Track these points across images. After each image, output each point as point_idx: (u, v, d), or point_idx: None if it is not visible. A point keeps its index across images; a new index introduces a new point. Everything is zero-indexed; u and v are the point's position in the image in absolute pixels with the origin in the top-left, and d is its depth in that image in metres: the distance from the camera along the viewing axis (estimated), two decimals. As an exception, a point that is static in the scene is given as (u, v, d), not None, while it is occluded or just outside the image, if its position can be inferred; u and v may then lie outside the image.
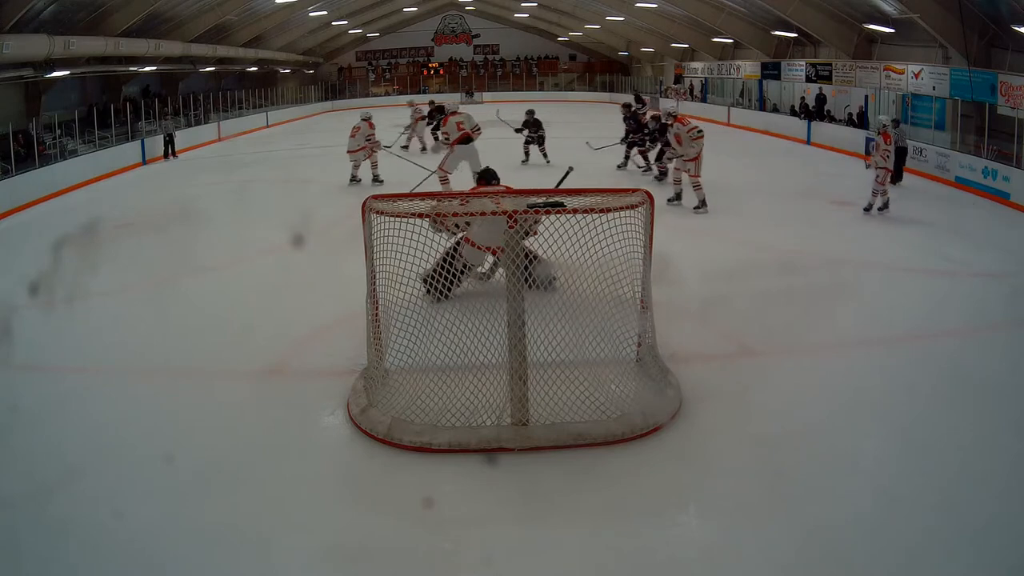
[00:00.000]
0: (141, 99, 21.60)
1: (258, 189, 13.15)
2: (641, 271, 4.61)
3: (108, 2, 15.86)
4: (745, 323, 5.79)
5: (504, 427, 4.06)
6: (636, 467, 3.84)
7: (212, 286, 7.25)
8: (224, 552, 3.29)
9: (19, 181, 12.23)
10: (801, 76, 19.95)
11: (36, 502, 3.61)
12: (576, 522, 3.45)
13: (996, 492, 3.61)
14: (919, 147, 13.75)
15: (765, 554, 3.21)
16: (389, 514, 3.55)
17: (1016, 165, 11.18)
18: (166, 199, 12.44)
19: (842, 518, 3.41)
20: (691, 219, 9.45)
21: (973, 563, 3.14)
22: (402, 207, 4.39)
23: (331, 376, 4.87)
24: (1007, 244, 8.63)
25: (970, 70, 13.04)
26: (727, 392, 4.65)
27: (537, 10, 32.44)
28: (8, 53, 12.87)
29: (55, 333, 5.93)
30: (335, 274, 6.53)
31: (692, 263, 6.84)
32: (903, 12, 14.25)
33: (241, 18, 23.06)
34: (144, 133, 17.97)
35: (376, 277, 4.44)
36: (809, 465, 3.87)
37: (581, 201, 4.42)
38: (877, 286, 6.85)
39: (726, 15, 21.55)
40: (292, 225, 8.81)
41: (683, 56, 28.49)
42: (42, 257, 8.28)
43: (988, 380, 4.86)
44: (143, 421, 4.47)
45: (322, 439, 4.35)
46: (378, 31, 36.61)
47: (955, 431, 4.21)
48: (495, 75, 38.48)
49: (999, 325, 5.91)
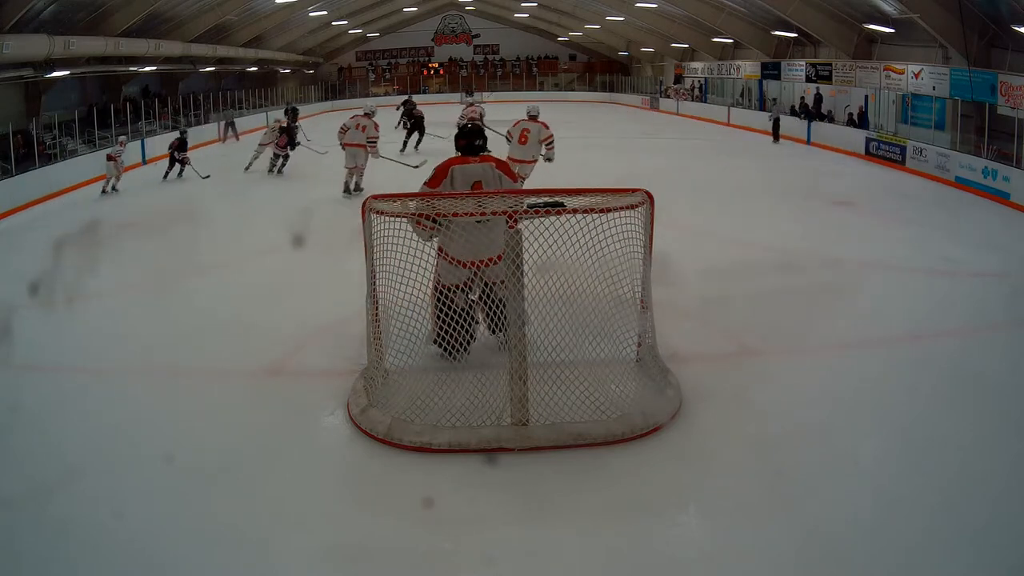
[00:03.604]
0: (141, 99, 21.61)
1: (258, 189, 13.15)
2: (641, 271, 4.61)
3: (108, 2, 15.87)
4: (745, 323, 5.79)
5: (504, 427, 4.06)
6: (636, 467, 3.84)
7: (212, 286, 7.24)
8: (224, 552, 3.28)
9: (19, 181, 12.23)
10: (801, 76, 19.95)
11: (36, 502, 3.61)
12: (576, 522, 3.45)
13: (996, 492, 3.61)
14: (919, 147, 13.77)
15: (765, 554, 3.20)
16: (389, 514, 3.55)
17: (1016, 165, 11.19)
18: (166, 199, 12.45)
19: (842, 518, 3.41)
20: (691, 219, 9.45)
21: (973, 563, 3.14)
22: (402, 207, 4.39)
23: (331, 376, 4.87)
24: (1007, 244, 8.63)
25: (970, 70, 13.04)
26: (727, 392, 4.64)
27: (537, 10, 32.45)
28: (8, 53, 12.87)
29: (55, 333, 5.93)
30: (335, 274, 6.52)
31: (692, 263, 6.83)
32: (903, 12, 14.26)
33: (241, 18, 23.07)
34: (144, 133, 17.98)
35: (376, 277, 4.43)
36: (809, 465, 3.87)
37: (581, 201, 4.42)
38: (877, 286, 6.85)
39: (726, 15, 21.56)
40: (292, 225, 8.82)
41: (683, 56, 28.50)
42: (42, 257, 8.29)
43: (988, 380, 4.86)
44: (143, 421, 4.46)
45: (322, 439, 4.35)
46: (378, 31, 36.63)
47: (955, 431, 4.21)
48: (495, 75, 38.49)
49: (999, 325, 5.91)
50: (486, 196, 4.69)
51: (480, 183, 5.00)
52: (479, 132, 5.31)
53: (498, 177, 5.06)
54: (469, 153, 5.18)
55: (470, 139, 5.20)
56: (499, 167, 5.13)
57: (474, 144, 5.19)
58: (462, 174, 5.02)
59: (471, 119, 11.94)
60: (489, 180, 5.03)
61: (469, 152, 5.18)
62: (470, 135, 5.22)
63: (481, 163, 5.11)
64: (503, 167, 5.17)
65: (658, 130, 20.77)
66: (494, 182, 5.03)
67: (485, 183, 5.00)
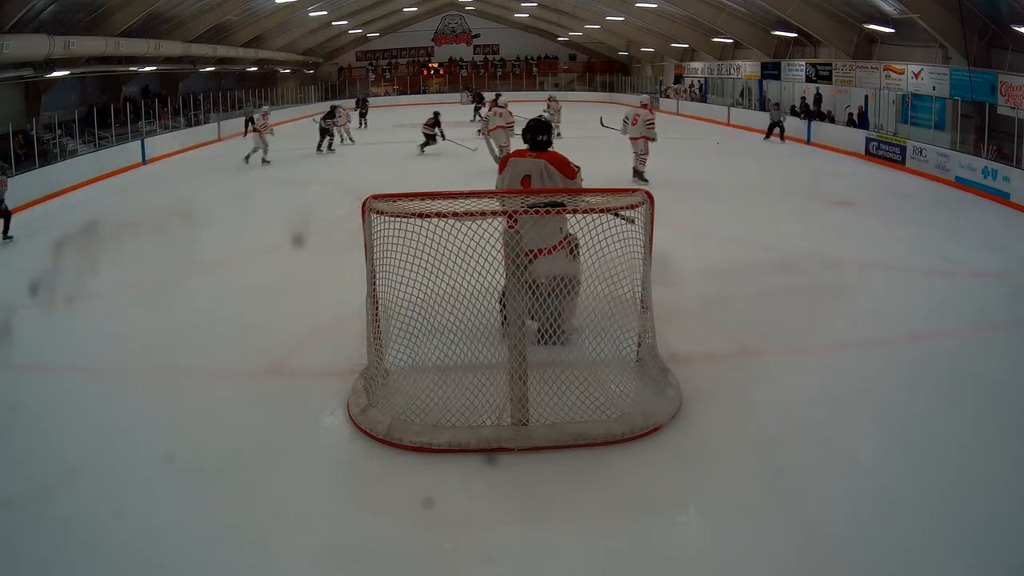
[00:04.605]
0: (141, 99, 21.61)
1: (258, 189, 13.15)
2: (641, 271, 4.61)
3: (108, 2, 15.87)
4: (745, 323, 5.79)
5: (504, 427, 4.06)
6: (636, 467, 3.84)
7: (212, 286, 7.25)
8: (224, 552, 3.28)
9: (19, 181, 12.22)
10: (801, 76, 19.95)
11: (36, 502, 3.61)
12: (576, 522, 3.45)
13: (996, 492, 3.61)
14: (919, 147, 13.76)
15: (765, 554, 3.20)
16: (389, 514, 3.55)
17: (1016, 165, 11.19)
18: (166, 199, 12.45)
19: (842, 518, 3.41)
20: (691, 219, 9.45)
21: (973, 563, 3.14)
22: (402, 207, 4.39)
23: (331, 376, 4.87)
24: (1007, 244, 8.63)
25: (970, 70, 13.04)
26: (727, 392, 4.64)
27: (537, 10, 32.45)
28: (8, 53, 12.88)
29: (55, 333, 5.94)
30: (335, 274, 6.53)
31: (692, 263, 6.83)
32: (903, 12, 14.25)
33: (241, 18, 23.07)
34: (144, 133, 17.99)
35: (376, 277, 4.43)
36: (809, 465, 3.87)
37: (581, 201, 4.42)
38: (877, 286, 6.84)
39: (726, 15, 21.56)
40: (292, 225, 8.82)
41: (683, 56, 28.50)
42: (42, 257, 8.29)
43: (988, 380, 4.86)
44: (143, 421, 4.47)
45: (322, 439, 4.35)
46: (378, 31, 36.63)
47: (955, 431, 4.21)
48: (495, 75, 38.49)
49: (999, 325, 5.91)
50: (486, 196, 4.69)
51: (528, 177, 5.16)
52: (542, 128, 5.37)
53: (549, 173, 5.14)
54: (532, 148, 5.31)
55: (533, 134, 5.32)
56: (554, 163, 5.18)
57: (536, 139, 5.31)
58: (514, 166, 5.26)
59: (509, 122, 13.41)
60: (537, 175, 5.15)
61: (532, 146, 5.31)
62: (532, 130, 5.33)
63: (535, 158, 5.22)
64: (559, 164, 5.20)
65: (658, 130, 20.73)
66: (541, 177, 5.14)
67: (533, 177, 5.15)
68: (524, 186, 5.12)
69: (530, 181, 5.14)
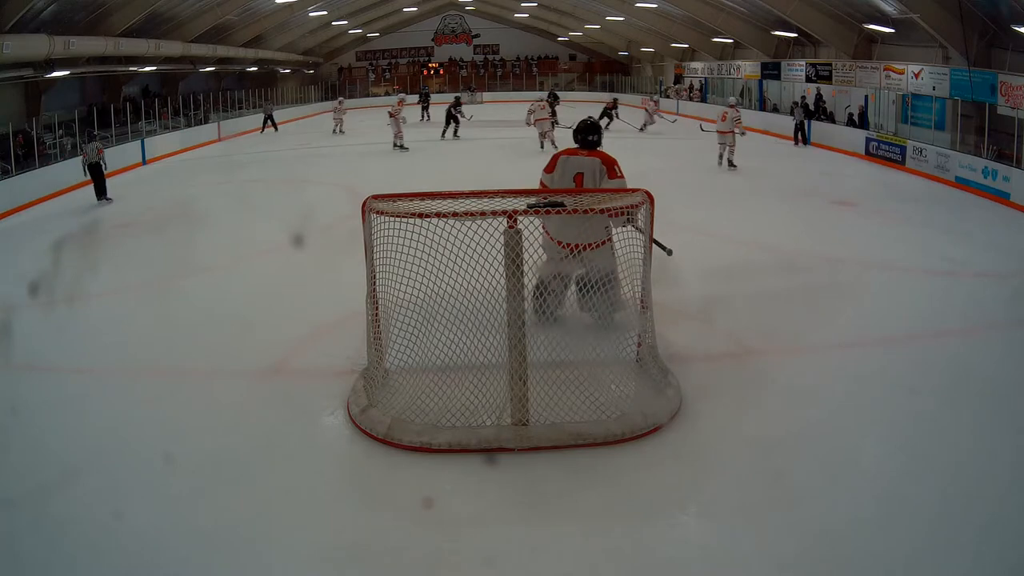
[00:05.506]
0: (141, 99, 21.62)
1: (258, 189, 13.15)
2: (641, 271, 4.61)
3: (108, 2, 15.88)
4: (745, 323, 5.79)
5: (504, 427, 4.06)
6: (636, 467, 3.84)
7: (212, 286, 7.24)
8: (224, 552, 3.28)
9: (19, 181, 12.24)
10: (801, 76, 19.96)
11: (36, 502, 3.61)
12: (576, 522, 3.45)
13: (996, 492, 3.61)
14: (919, 147, 13.76)
15: (765, 554, 3.20)
16: (389, 514, 3.55)
17: (1016, 165, 11.18)
18: (166, 199, 12.45)
19: (842, 518, 3.41)
20: (691, 219, 9.45)
21: (973, 563, 3.14)
22: (402, 207, 4.39)
23: (331, 376, 4.87)
24: (1007, 244, 8.63)
25: (970, 70, 13.04)
26: (727, 392, 4.64)
27: (537, 10, 32.47)
28: (8, 53, 12.89)
29: (55, 333, 5.94)
30: (335, 274, 6.52)
31: (692, 263, 6.83)
32: (903, 12, 14.26)
33: (241, 18, 23.09)
34: (144, 133, 17.99)
35: (376, 277, 4.44)
36: (809, 465, 3.87)
37: (581, 201, 4.42)
38: (877, 286, 6.84)
39: (726, 15, 21.57)
40: (292, 225, 8.81)
41: (683, 56, 28.51)
42: (42, 257, 8.29)
43: (988, 380, 4.85)
44: (143, 421, 4.47)
45: (322, 439, 4.35)
46: (378, 31, 36.65)
47: (955, 431, 4.21)
48: (495, 75, 38.51)
49: (999, 325, 5.91)
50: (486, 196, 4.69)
51: (581, 175, 5.41)
52: (592, 128, 5.60)
53: (601, 172, 5.37)
54: (582, 146, 5.56)
55: (584, 134, 5.56)
56: (605, 163, 5.41)
57: (587, 139, 5.55)
58: (566, 164, 5.50)
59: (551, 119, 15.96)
60: (591, 172, 5.40)
61: (582, 145, 5.56)
62: (584, 131, 5.57)
63: (588, 157, 5.47)
64: (608, 163, 5.42)
65: (658, 129, 20.77)
66: (594, 175, 5.38)
67: (586, 175, 5.40)
68: (577, 183, 5.38)
69: (583, 178, 5.38)
